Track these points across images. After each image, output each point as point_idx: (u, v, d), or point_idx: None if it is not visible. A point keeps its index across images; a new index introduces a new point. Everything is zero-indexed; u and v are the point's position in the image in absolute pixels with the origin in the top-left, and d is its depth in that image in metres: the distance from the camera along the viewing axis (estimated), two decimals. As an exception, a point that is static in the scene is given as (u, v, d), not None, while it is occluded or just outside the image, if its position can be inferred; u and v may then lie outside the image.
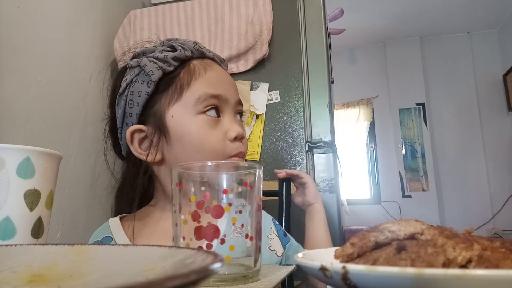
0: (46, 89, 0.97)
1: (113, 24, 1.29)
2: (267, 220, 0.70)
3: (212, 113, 0.60)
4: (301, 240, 0.83)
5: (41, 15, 0.97)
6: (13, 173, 0.34)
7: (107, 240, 0.61)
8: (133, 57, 0.64)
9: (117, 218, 0.65)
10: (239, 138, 0.62)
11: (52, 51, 1.01)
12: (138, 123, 0.62)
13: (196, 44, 0.65)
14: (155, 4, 1.36)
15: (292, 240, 0.71)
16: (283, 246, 0.68)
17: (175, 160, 0.60)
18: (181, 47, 0.62)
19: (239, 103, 0.66)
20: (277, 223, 0.71)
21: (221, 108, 0.62)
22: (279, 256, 0.65)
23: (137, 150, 0.61)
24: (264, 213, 0.71)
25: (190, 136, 0.59)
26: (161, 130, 0.60)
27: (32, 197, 0.35)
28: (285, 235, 0.70)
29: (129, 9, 1.32)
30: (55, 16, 1.03)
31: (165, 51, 0.63)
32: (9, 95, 0.85)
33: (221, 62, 0.68)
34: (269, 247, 0.65)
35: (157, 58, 0.61)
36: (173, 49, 0.63)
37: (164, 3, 1.32)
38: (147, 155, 0.60)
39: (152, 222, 0.63)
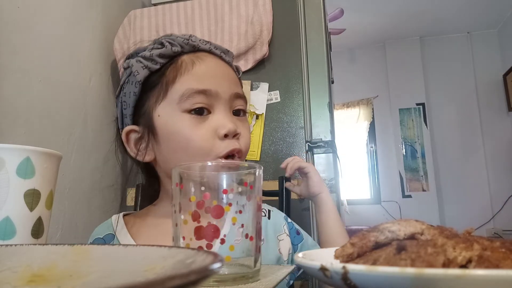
0: (46, 89, 0.97)
1: (113, 24, 1.29)
2: (279, 218, 0.67)
3: (199, 111, 0.57)
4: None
5: (41, 15, 0.97)
6: (13, 173, 0.34)
7: (109, 238, 0.61)
8: (126, 58, 0.64)
9: (120, 216, 0.64)
10: (231, 135, 0.57)
11: (52, 51, 1.01)
12: (133, 123, 0.62)
13: (190, 38, 0.61)
14: (155, 4, 1.36)
15: (307, 239, 0.68)
16: (295, 245, 0.66)
17: (165, 160, 0.60)
18: (169, 43, 0.60)
19: (237, 96, 0.61)
20: (289, 220, 0.69)
21: (210, 104, 0.58)
22: (286, 260, 0.63)
23: (132, 150, 0.62)
24: (276, 210, 0.69)
25: (176, 135, 0.57)
26: (150, 130, 0.60)
27: (32, 197, 0.35)
28: (298, 233, 0.68)
29: (129, 9, 1.32)
30: (55, 16, 1.03)
31: (154, 48, 0.61)
32: (10, 95, 0.85)
33: (225, 53, 0.64)
34: (278, 250, 0.63)
35: (143, 57, 0.60)
36: (162, 46, 0.61)
37: (164, 3, 1.32)
38: (143, 155, 0.61)
39: (152, 223, 0.63)
